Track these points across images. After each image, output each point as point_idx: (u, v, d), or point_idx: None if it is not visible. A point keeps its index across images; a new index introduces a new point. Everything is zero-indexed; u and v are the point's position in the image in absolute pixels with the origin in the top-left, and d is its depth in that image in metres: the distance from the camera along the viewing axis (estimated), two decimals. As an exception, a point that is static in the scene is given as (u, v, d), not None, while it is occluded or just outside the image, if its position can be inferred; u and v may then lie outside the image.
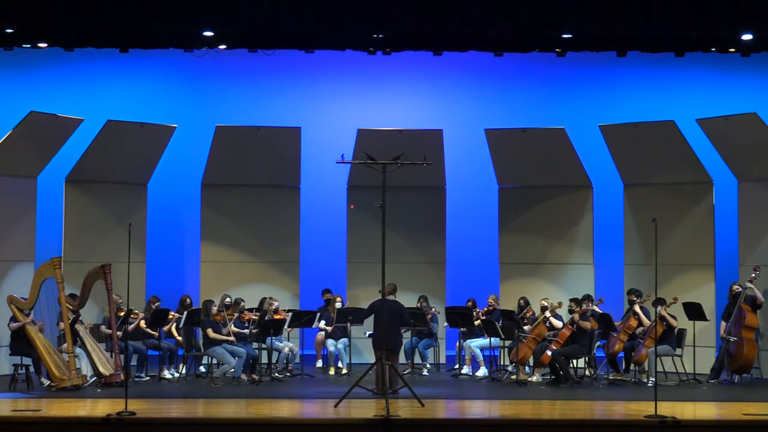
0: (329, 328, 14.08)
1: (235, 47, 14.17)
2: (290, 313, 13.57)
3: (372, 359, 13.24)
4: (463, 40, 13.79)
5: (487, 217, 15.80)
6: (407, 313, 12.55)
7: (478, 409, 11.50)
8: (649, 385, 12.30)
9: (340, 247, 15.50)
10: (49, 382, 12.04)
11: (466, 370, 13.77)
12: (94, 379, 12.32)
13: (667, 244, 14.12)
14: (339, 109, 16.53)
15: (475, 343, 13.83)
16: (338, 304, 14.26)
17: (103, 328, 12.85)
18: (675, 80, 16.15)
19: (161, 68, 16.26)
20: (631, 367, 13.08)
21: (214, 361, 12.93)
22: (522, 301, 13.87)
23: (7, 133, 13.44)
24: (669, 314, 12.86)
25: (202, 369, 13.60)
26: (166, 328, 13.33)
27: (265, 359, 13.29)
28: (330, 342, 14.09)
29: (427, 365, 14.04)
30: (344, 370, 13.78)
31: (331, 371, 13.95)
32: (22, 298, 12.35)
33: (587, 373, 13.21)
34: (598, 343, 13.39)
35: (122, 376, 11.92)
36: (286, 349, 13.61)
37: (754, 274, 13.08)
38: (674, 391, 12.32)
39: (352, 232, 15.29)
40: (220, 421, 10.17)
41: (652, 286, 11.52)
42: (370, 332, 13.80)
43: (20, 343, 12.29)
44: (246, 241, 15.21)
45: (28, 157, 13.75)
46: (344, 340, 14.03)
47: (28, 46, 13.73)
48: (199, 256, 15.26)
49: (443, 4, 12.57)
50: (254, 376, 12.87)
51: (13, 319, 12.33)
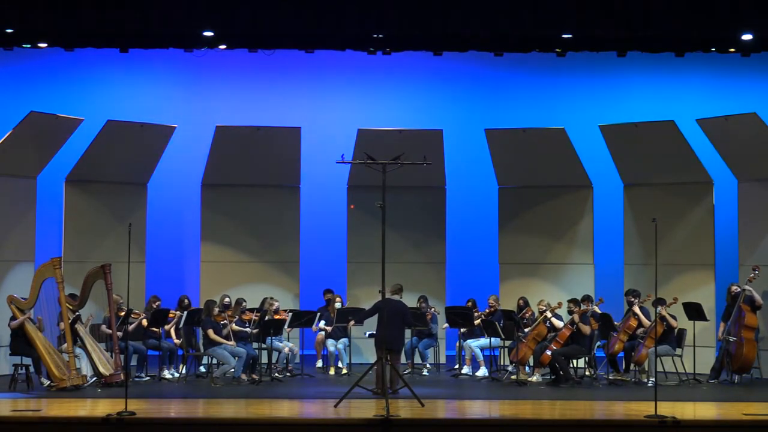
0: (329, 328, 14.08)
1: (235, 47, 14.16)
2: (290, 313, 13.58)
3: (372, 359, 13.25)
4: (463, 40, 13.78)
5: (487, 217, 15.80)
6: (410, 313, 12.55)
7: (478, 409, 11.50)
8: (649, 385, 12.30)
9: (340, 247, 15.50)
10: (49, 382, 12.04)
11: (466, 370, 13.77)
12: (94, 379, 12.32)
13: (667, 244, 14.11)
14: (339, 109, 16.54)
15: (475, 343, 13.84)
16: (338, 304, 14.26)
17: (104, 328, 12.85)
18: (675, 80, 16.15)
19: (161, 68, 16.26)
20: (631, 367, 13.08)
21: (214, 361, 12.94)
22: (521, 302, 13.87)
23: (7, 133, 13.44)
24: (669, 314, 12.86)
25: (202, 369, 13.60)
26: (167, 328, 13.33)
27: (265, 359, 13.29)
28: (330, 342, 14.10)
29: (427, 365, 14.04)
30: (344, 370, 13.78)
31: (331, 371, 13.95)
32: (22, 298, 12.35)
33: (587, 373, 13.22)
34: (598, 343, 13.39)
35: (122, 376, 11.91)
36: (286, 349, 13.61)
37: (753, 274, 13.08)
38: (674, 391, 12.32)
39: (352, 232, 15.29)
40: (220, 421, 10.17)
41: (652, 286, 11.51)
42: (371, 332, 13.82)
43: (20, 343, 12.29)
44: (246, 241, 15.21)
45: (28, 157, 13.75)
46: (344, 340, 14.04)
47: (28, 46, 13.72)
48: (199, 256, 15.26)
49: (443, 4, 12.57)
50: (254, 376, 12.87)
51: (13, 319, 12.33)
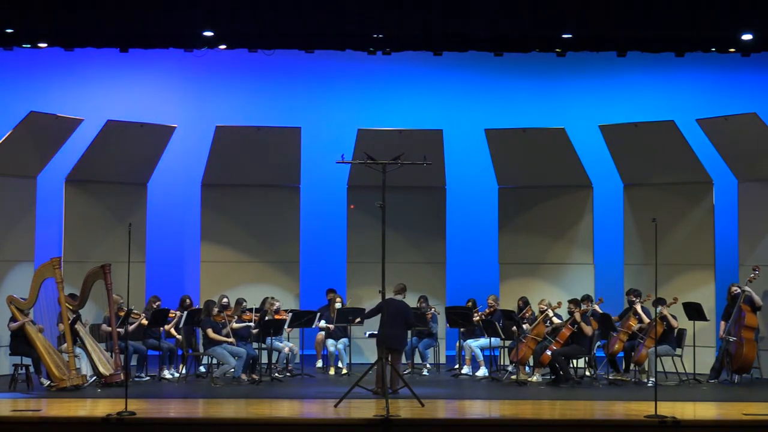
0: (331, 326, 14.06)
1: (235, 47, 14.14)
2: (290, 313, 13.58)
3: (373, 359, 13.24)
4: (463, 40, 13.77)
5: (487, 217, 15.80)
6: (413, 314, 12.53)
7: (478, 409, 11.50)
8: (649, 385, 12.30)
9: (340, 247, 15.50)
10: (49, 382, 12.04)
11: (466, 370, 13.77)
12: (94, 379, 12.32)
13: (667, 244, 14.11)
14: (339, 109, 16.55)
15: (475, 343, 13.84)
16: (338, 304, 14.25)
17: (104, 327, 12.84)
18: (675, 80, 16.16)
19: (161, 68, 16.25)
20: (631, 367, 13.08)
21: (214, 361, 12.94)
22: (521, 302, 13.86)
23: (7, 133, 13.44)
24: (670, 314, 12.86)
25: (202, 369, 13.60)
26: (167, 328, 13.33)
27: (265, 359, 13.29)
28: (330, 342, 14.10)
29: (427, 365, 14.04)
30: (344, 370, 13.78)
31: (331, 371, 13.95)
32: (22, 299, 12.35)
33: (587, 373, 13.21)
34: (598, 343, 13.39)
35: (122, 376, 11.92)
36: (286, 349, 13.61)
37: (753, 274, 13.08)
38: (674, 391, 12.32)
39: (352, 232, 15.29)
40: (220, 421, 10.17)
41: (652, 286, 11.51)
42: (371, 332, 13.83)
43: (20, 343, 12.29)
44: (246, 241, 15.21)
45: (28, 157, 13.75)
46: (344, 340, 14.03)
47: (28, 46, 13.71)
48: (199, 256, 15.26)
49: (443, 4, 12.57)
50: (254, 376, 12.87)
51: (13, 320, 12.33)
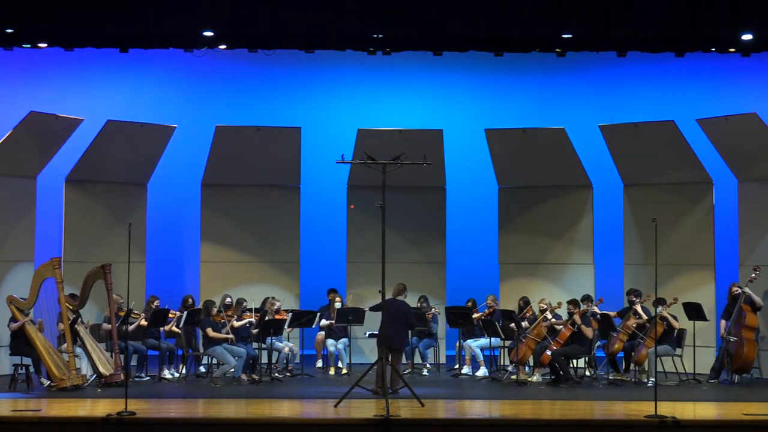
0: (332, 321, 14.01)
1: (235, 47, 14.15)
2: (290, 313, 13.58)
3: (373, 359, 13.24)
4: (463, 40, 13.78)
5: (487, 217, 15.80)
6: (413, 315, 12.52)
7: (478, 409, 11.50)
8: (649, 385, 12.30)
9: (340, 247, 15.49)
10: (49, 382, 12.04)
11: (466, 370, 13.76)
12: (94, 378, 12.32)
13: (667, 244, 14.11)
14: (339, 109, 16.54)
15: (475, 343, 13.84)
16: (338, 304, 14.25)
17: (105, 325, 12.82)
18: (675, 80, 16.15)
19: (161, 68, 16.25)
20: (631, 367, 13.08)
21: (214, 361, 12.94)
22: (522, 302, 13.86)
23: (7, 133, 13.44)
24: (670, 314, 12.86)
25: (202, 369, 13.59)
26: (167, 328, 13.32)
27: (265, 359, 13.29)
28: (330, 342, 14.10)
29: (427, 365, 14.04)
30: (344, 370, 13.78)
31: (331, 371, 13.95)
32: (22, 299, 12.35)
33: (587, 373, 13.21)
34: (598, 343, 13.39)
35: (122, 376, 11.92)
36: (286, 349, 13.61)
37: (754, 274, 13.08)
38: (674, 391, 12.32)
39: (352, 232, 15.29)
40: (220, 421, 10.17)
41: (652, 286, 11.51)
42: (371, 332, 13.83)
43: (20, 343, 12.29)
44: (246, 241, 15.20)
45: (28, 157, 13.75)
46: (344, 340, 14.03)
47: (28, 46, 13.72)
48: (199, 256, 15.26)
49: (443, 4, 12.57)
50: (254, 376, 12.87)
51: (13, 320, 12.33)
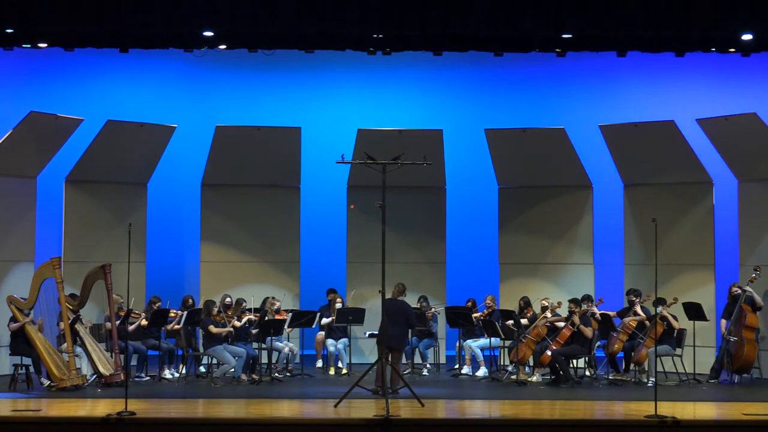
0: (333, 318, 13.99)
1: (235, 47, 14.16)
2: (290, 313, 13.58)
3: (373, 359, 13.24)
4: (463, 40, 13.78)
5: (487, 217, 15.80)
6: (414, 315, 12.51)
7: (478, 409, 11.50)
8: (649, 385, 12.30)
9: (340, 247, 15.50)
10: (49, 382, 12.04)
11: (466, 370, 13.76)
12: (94, 378, 12.32)
13: (667, 244, 14.11)
14: (339, 109, 16.54)
15: (475, 343, 13.83)
16: (338, 305, 14.25)
17: (107, 325, 12.79)
18: (675, 80, 16.15)
19: (161, 68, 16.26)
20: (631, 367, 13.08)
21: (214, 361, 12.94)
22: (522, 302, 13.85)
23: (7, 133, 13.44)
24: (670, 314, 12.86)
25: (202, 369, 13.59)
26: (169, 327, 13.31)
27: (265, 359, 13.29)
28: (330, 342, 14.10)
29: (427, 365, 14.04)
30: (344, 370, 13.78)
31: (331, 371, 13.95)
32: (22, 299, 12.35)
33: (587, 373, 13.21)
34: (598, 343, 13.39)
35: (122, 376, 11.91)
36: (286, 349, 13.61)
37: (754, 275, 13.08)
38: (674, 391, 12.32)
39: (352, 232, 15.29)
40: (220, 421, 10.17)
41: (652, 286, 11.50)
42: (371, 332, 13.83)
43: (20, 343, 12.29)
44: (246, 241, 15.20)
45: (28, 157, 13.75)
46: (344, 340, 14.03)
47: (28, 46, 13.72)
48: (199, 256, 15.26)
49: (443, 4, 12.57)
50: (254, 376, 12.87)
51: (13, 320, 12.33)
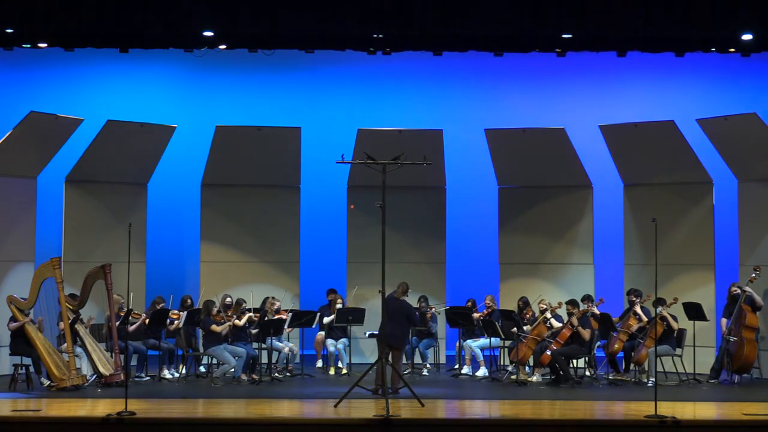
0: (332, 317, 14.00)
1: (235, 47, 14.17)
2: (290, 313, 13.58)
3: (373, 359, 13.24)
4: (463, 40, 13.79)
5: (487, 217, 15.80)
6: (415, 313, 12.50)
7: (478, 409, 11.50)
8: (649, 385, 12.30)
9: (340, 247, 15.49)
10: (49, 382, 12.04)
11: (466, 370, 13.76)
12: (95, 378, 12.32)
13: (667, 244, 14.11)
14: (339, 109, 16.54)
15: (475, 343, 13.83)
16: (338, 305, 14.25)
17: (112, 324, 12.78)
18: (675, 80, 16.15)
19: (161, 68, 16.26)
20: (631, 367, 13.08)
21: (214, 361, 12.94)
22: (521, 303, 13.84)
23: (7, 133, 13.44)
24: (670, 315, 12.85)
25: (202, 369, 13.59)
26: (171, 328, 13.30)
27: (265, 359, 13.29)
28: (330, 342, 14.10)
29: (427, 365, 14.04)
30: (344, 370, 13.78)
31: (331, 371, 13.95)
32: (22, 299, 12.35)
33: (587, 373, 13.21)
34: (598, 343, 13.39)
35: (122, 376, 11.91)
36: (286, 349, 13.61)
37: (754, 275, 13.08)
38: (674, 391, 12.32)
39: (352, 232, 15.28)
40: (220, 421, 10.18)
41: (652, 286, 11.50)
42: (371, 332, 13.83)
43: (20, 343, 12.29)
44: (246, 241, 15.20)
45: (28, 157, 13.74)
46: (344, 340, 14.03)
47: (28, 46, 13.73)
48: (199, 256, 15.26)
49: (443, 4, 12.57)
50: (254, 376, 12.87)
51: (13, 319, 12.33)
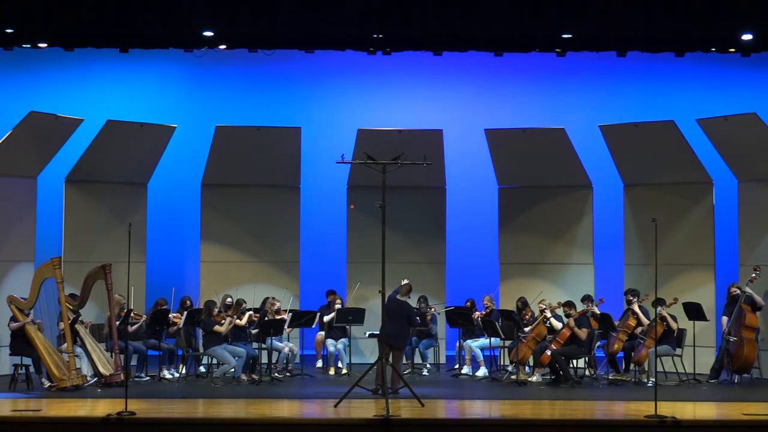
0: (333, 315, 13.99)
1: (235, 47, 14.17)
2: (290, 313, 13.58)
3: (373, 359, 13.24)
4: (463, 40, 13.79)
5: (487, 217, 15.80)
6: (415, 314, 12.50)
7: (478, 409, 11.50)
8: (649, 385, 12.30)
9: (340, 247, 15.49)
10: (49, 382, 12.04)
11: (466, 370, 13.76)
12: (95, 379, 12.32)
13: (667, 244, 14.11)
14: (339, 109, 16.54)
15: (475, 343, 13.83)
16: (338, 305, 14.25)
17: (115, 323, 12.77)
18: (675, 80, 16.15)
19: (161, 68, 16.26)
20: (631, 367, 13.08)
21: (214, 361, 12.94)
22: (520, 303, 13.81)
23: (7, 133, 13.44)
24: (670, 315, 12.85)
25: (202, 369, 13.59)
26: (173, 329, 13.30)
27: (265, 359, 13.30)
28: (330, 342, 14.10)
29: (427, 365, 14.04)
30: (344, 370, 13.78)
31: (331, 371, 13.95)
32: (22, 298, 12.35)
33: (587, 373, 13.21)
34: (598, 343, 13.39)
35: (122, 376, 11.92)
36: (286, 349, 13.61)
37: (754, 275, 13.08)
38: (674, 391, 12.32)
39: (352, 232, 15.28)
40: (220, 421, 10.18)
41: (652, 286, 11.50)
42: (371, 332, 13.83)
43: (20, 343, 12.29)
44: (246, 241, 15.20)
45: (28, 157, 13.74)
46: (344, 340, 14.03)
47: (28, 46, 13.73)
48: (199, 256, 15.26)
49: (443, 4, 12.57)
50: (254, 376, 12.87)
51: (13, 319, 12.33)
